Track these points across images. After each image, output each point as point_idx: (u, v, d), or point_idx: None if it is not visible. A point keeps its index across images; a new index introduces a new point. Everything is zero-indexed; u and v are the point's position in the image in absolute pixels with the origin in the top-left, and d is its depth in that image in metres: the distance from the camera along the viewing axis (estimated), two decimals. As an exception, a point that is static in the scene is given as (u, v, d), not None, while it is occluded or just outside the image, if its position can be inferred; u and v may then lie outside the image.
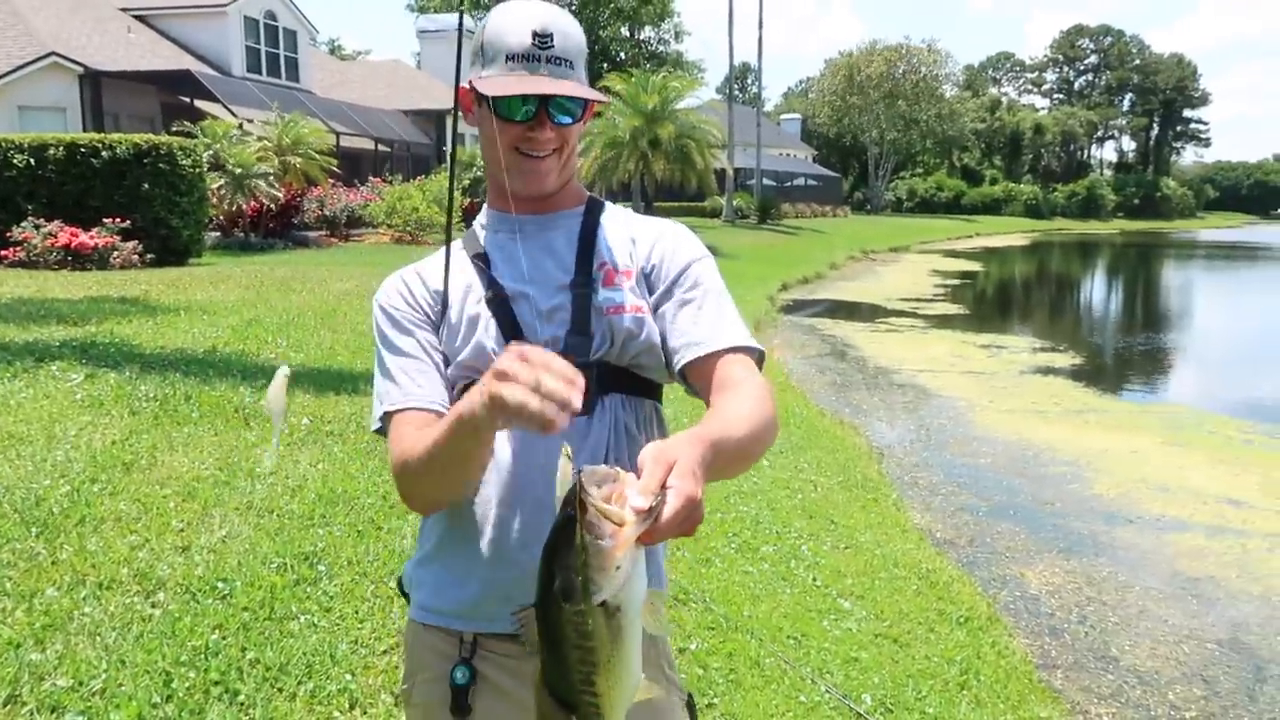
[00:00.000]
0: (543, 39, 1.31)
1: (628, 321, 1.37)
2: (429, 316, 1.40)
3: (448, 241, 1.43)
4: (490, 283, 1.39)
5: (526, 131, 1.34)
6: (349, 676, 2.76)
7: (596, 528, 0.87)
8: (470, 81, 1.37)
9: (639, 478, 0.91)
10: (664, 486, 0.90)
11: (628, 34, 57.68)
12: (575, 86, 1.33)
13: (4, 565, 3.03)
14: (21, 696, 2.41)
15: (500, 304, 1.37)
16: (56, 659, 2.58)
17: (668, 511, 0.88)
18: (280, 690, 2.65)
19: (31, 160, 12.85)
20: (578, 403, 0.98)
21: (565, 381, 0.98)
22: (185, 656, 2.69)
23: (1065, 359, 12.76)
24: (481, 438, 1.13)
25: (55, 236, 12.02)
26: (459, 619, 1.37)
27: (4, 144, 12.97)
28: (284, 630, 2.93)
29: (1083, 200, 78.95)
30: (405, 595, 1.49)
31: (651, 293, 1.41)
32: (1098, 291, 27.43)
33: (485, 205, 1.50)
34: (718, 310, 1.41)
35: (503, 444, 1.33)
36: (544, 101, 1.33)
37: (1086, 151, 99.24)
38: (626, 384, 1.39)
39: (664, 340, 1.39)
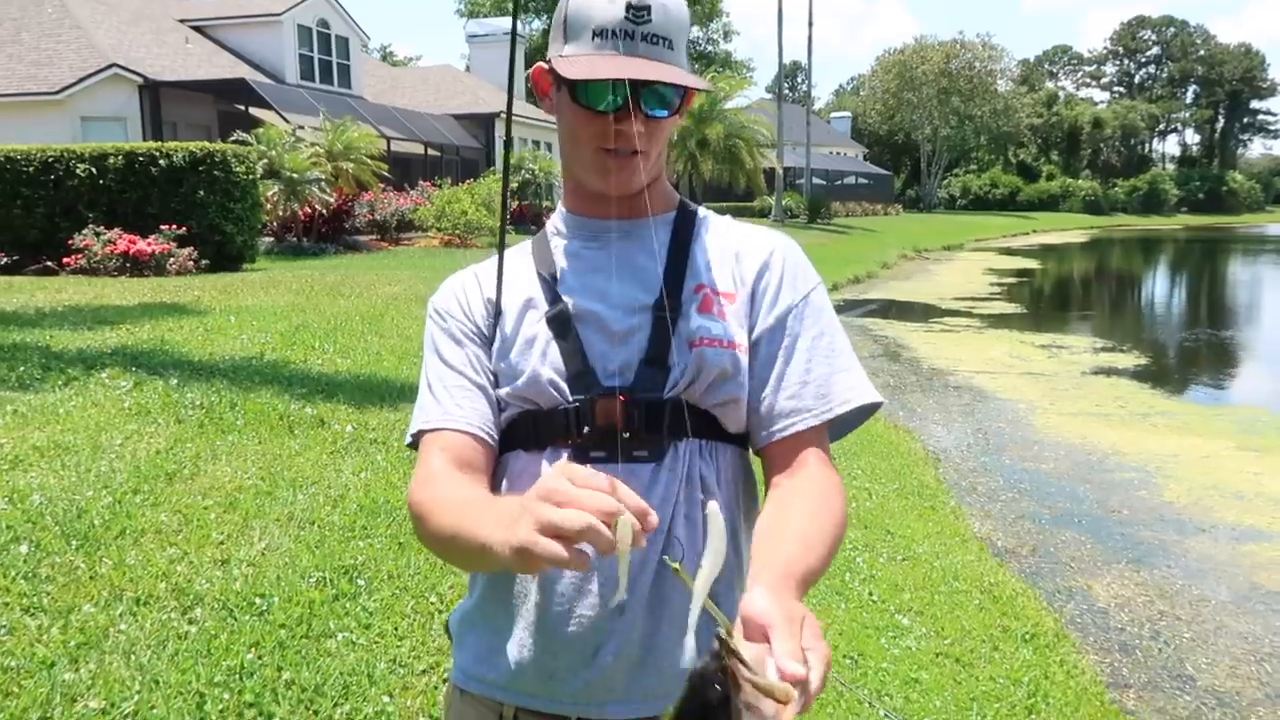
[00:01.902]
0: (638, 11, 1.09)
1: (723, 359, 1.14)
2: (481, 329, 1.21)
3: (500, 247, 1.24)
4: (554, 298, 1.18)
5: (613, 124, 1.12)
6: (386, 699, 2.67)
7: (758, 710, 0.72)
8: (549, 60, 1.15)
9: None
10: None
11: (676, 34, 57.48)
12: (674, 72, 1.11)
13: (43, 580, 3.00)
14: (53, 718, 2.36)
15: (563, 324, 1.16)
16: (90, 679, 2.53)
17: (815, 679, 0.75)
18: (316, 713, 2.56)
19: (93, 170, 13.14)
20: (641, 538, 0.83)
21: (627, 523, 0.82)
22: (220, 677, 2.62)
23: (1129, 359, 12.34)
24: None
25: (114, 244, 12.26)
26: (500, 689, 1.18)
27: (66, 154, 13.27)
28: (321, 649, 2.86)
29: (1144, 195, 77.02)
30: (450, 636, 1.34)
31: (752, 323, 1.19)
32: (1161, 288, 26.63)
33: (560, 206, 1.29)
34: (840, 363, 1.20)
35: None
36: (635, 89, 1.10)
37: (1148, 145, 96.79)
38: (707, 428, 1.16)
39: (750, 391, 1.18)
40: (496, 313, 1.20)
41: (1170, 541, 5.52)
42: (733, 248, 1.23)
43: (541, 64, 1.17)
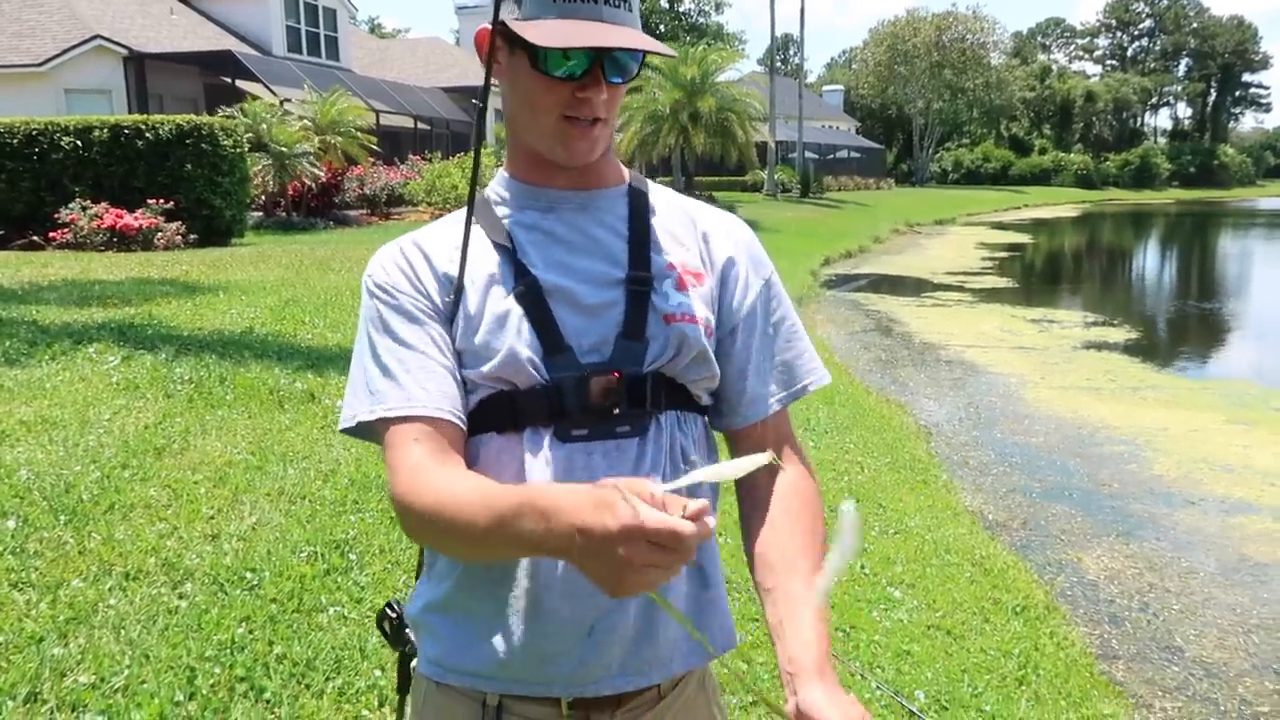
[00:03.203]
0: None
1: (697, 337, 1.13)
2: (437, 305, 1.13)
3: (468, 222, 1.13)
4: (519, 271, 1.12)
5: (577, 91, 1.07)
6: (378, 672, 2.66)
7: None
8: (504, 22, 1.08)
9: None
10: None
11: (667, 6, 57.05)
12: (645, 39, 1.07)
13: (31, 555, 2.98)
14: (42, 694, 2.34)
15: (534, 300, 1.11)
16: (79, 653, 2.51)
17: None
18: (307, 687, 2.56)
19: (77, 143, 12.99)
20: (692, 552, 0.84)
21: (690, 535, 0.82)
22: (210, 651, 2.61)
23: (1120, 333, 12.36)
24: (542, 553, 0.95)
25: (101, 218, 12.15)
26: (483, 679, 1.12)
27: (50, 127, 13.11)
28: (312, 623, 2.85)
29: (1136, 169, 76.89)
30: (388, 636, 1.29)
31: (720, 308, 1.19)
32: (1152, 263, 26.67)
33: (501, 172, 1.22)
34: (799, 345, 1.24)
35: (541, 470, 1.09)
36: (599, 55, 1.06)
37: (1140, 119, 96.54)
38: (682, 399, 1.16)
39: (723, 375, 1.20)
40: (459, 289, 1.12)
41: (1159, 514, 5.55)
42: (699, 227, 1.21)
43: (487, 25, 1.11)
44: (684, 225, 1.21)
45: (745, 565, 1.19)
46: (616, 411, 1.09)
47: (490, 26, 1.11)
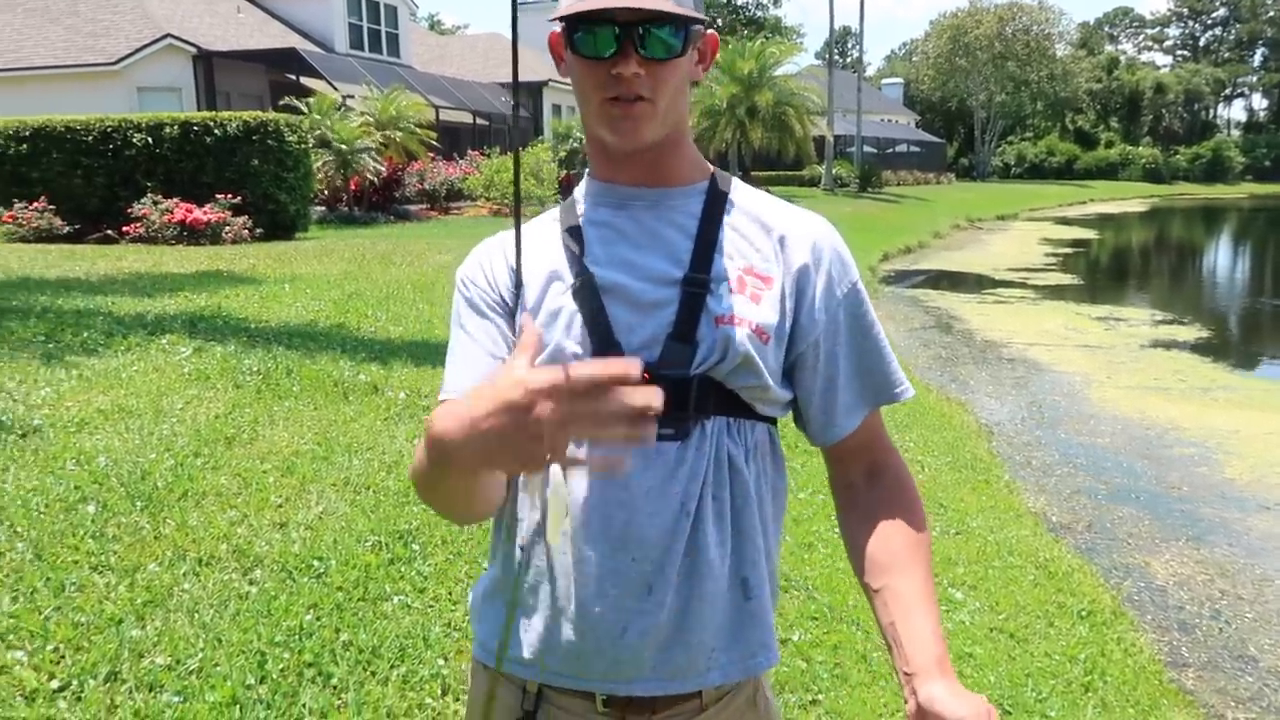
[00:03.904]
0: None
1: (749, 344, 1.11)
2: (505, 300, 1.16)
3: (516, 214, 1.15)
4: (580, 269, 1.13)
5: (610, 68, 1.07)
6: (441, 661, 2.70)
7: None
8: (553, 21, 1.13)
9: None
10: None
11: (724, 0, 56.77)
12: (659, 1, 1.04)
13: (110, 539, 3.08)
14: (121, 674, 2.42)
15: (589, 295, 1.11)
16: (156, 636, 2.60)
17: None
18: (373, 674, 2.61)
19: (149, 139, 13.36)
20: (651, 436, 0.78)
21: (628, 419, 0.76)
22: (280, 637, 2.67)
23: (1189, 332, 12.02)
24: (454, 474, 0.91)
25: (171, 213, 12.49)
26: (524, 666, 1.15)
27: (124, 124, 13.52)
28: (377, 611, 2.90)
29: (1208, 163, 74.48)
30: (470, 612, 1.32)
31: (797, 316, 1.16)
32: (1224, 259, 25.86)
33: (586, 172, 1.23)
34: (887, 352, 1.22)
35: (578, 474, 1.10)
36: (628, 31, 1.06)
37: (1212, 111, 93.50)
38: (734, 405, 1.13)
39: (805, 389, 1.19)
40: (518, 284, 1.15)
41: (1231, 519, 5.39)
42: (776, 229, 1.18)
43: (556, 29, 1.14)
44: (759, 227, 1.19)
45: (804, 563, 1.20)
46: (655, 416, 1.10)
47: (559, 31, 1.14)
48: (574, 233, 1.17)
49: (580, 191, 1.23)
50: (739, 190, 1.22)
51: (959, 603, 3.72)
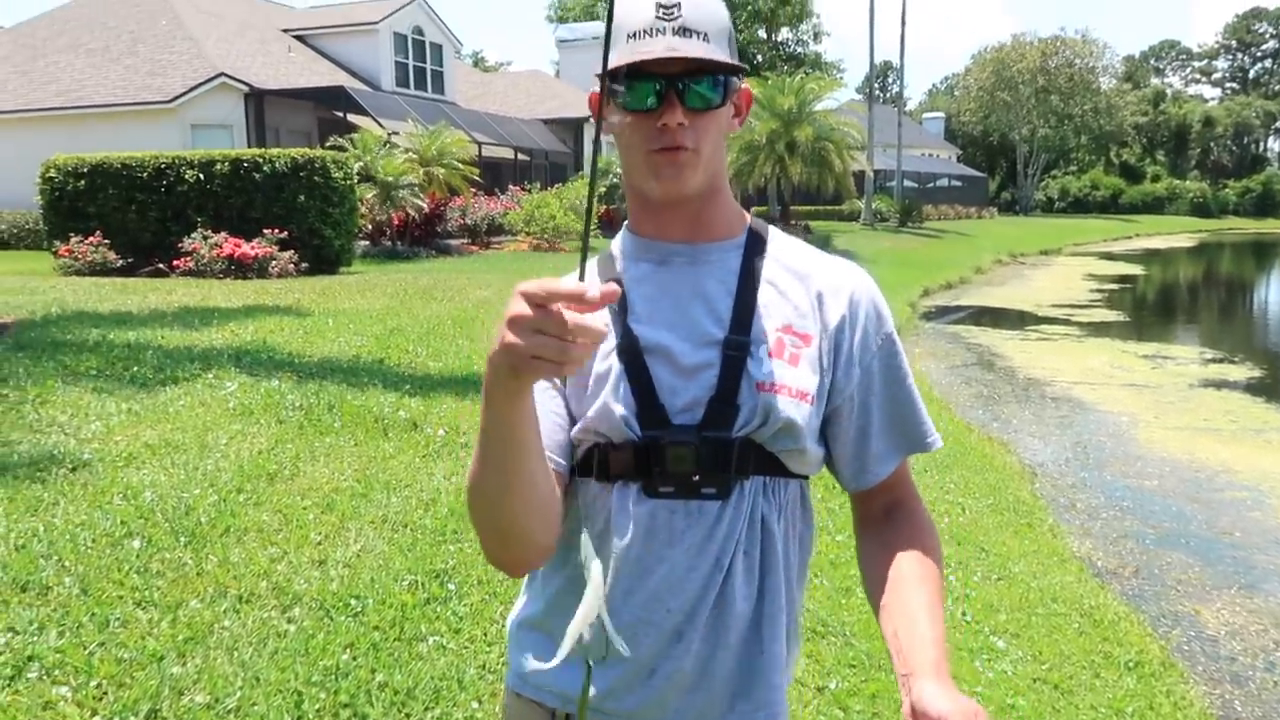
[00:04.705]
0: (667, 9, 1.09)
1: (791, 409, 1.14)
2: None
3: (582, 264, 1.14)
4: (624, 329, 1.16)
5: (656, 120, 1.11)
6: (475, 704, 2.70)
7: None
8: (596, 77, 1.17)
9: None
10: None
11: (765, 36, 57.22)
12: (698, 47, 1.09)
13: (153, 575, 3.13)
14: (161, 711, 2.46)
15: (633, 357, 1.14)
16: (196, 673, 2.63)
17: None
18: (408, 716, 2.61)
19: (201, 175, 13.72)
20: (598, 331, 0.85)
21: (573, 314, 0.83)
22: (317, 676, 2.69)
23: (1241, 371, 11.76)
24: (506, 405, 0.95)
25: (220, 247, 12.78)
26: (553, 695, 1.22)
27: (177, 161, 13.90)
28: (413, 652, 2.91)
29: (1258, 197, 73.22)
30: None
31: (834, 372, 1.19)
32: (1276, 295, 25.31)
33: (625, 227, 1.26)
34: (917, 402, 1.25)
35: (625, 522, 1.15)
36: (672, 83, 1.10)
37: (1263, 144, 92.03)
38: (772, 465, 1.17)
39: (839, 439, 1.22)
40: None
41: (1287, 567, 5.24)
42: (813, 283, 1.21)
43: (596, 90, 1.18)
44: (797, 281, 1.21)
45: (841, 608, 1.22)
46: (696, 478, 1.13)
47: (599, 91, 1.17)
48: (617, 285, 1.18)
49: (618, 246, 1.25)
50: (776, 241, 1.24)
51: (1001, 652, 3.64)
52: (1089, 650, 3.80)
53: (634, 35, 1.10)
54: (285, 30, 26.16)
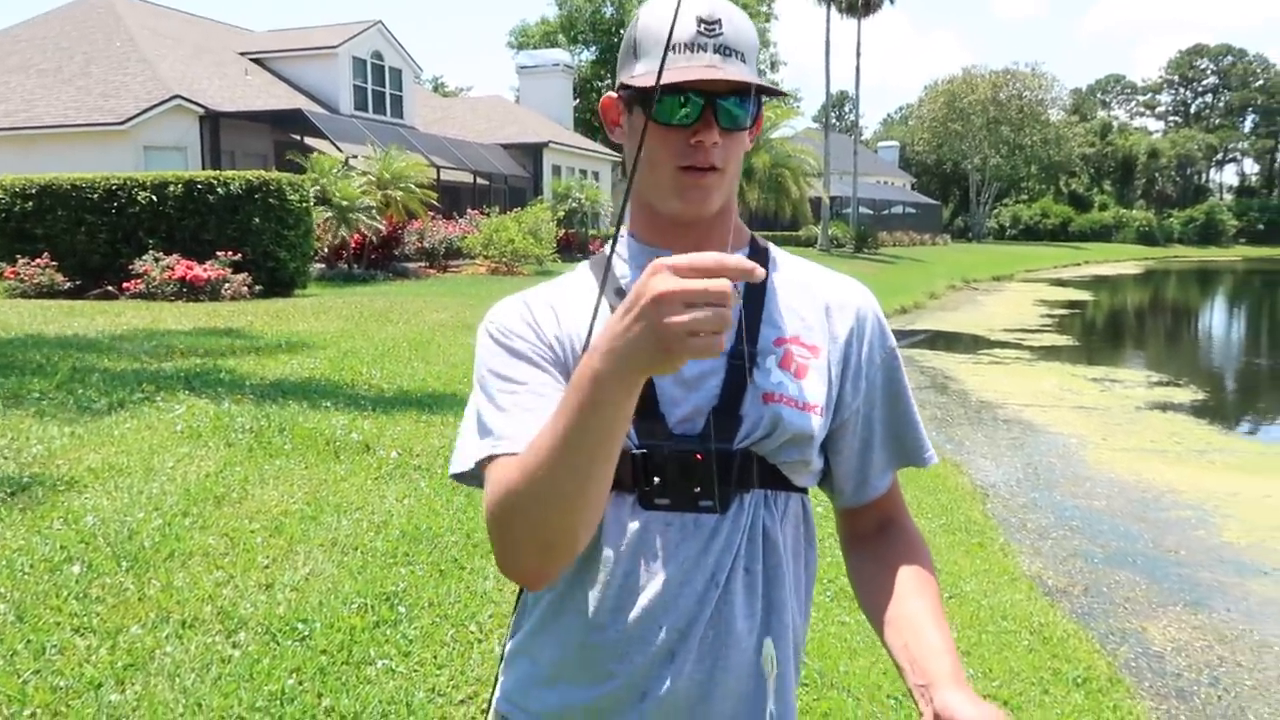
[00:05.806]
0: (710, 25, 1.06)
1: (799, 422, 1.12)
2: (559, 358, 1.13)
3: (605, 276, 1.03)
4: None
5: (690, 137, 1.08)
6: (423, 728, 2.66)
7: None
8: (621, 83, 1.13)
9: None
10: None
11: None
12: (740, 68, 1.08)
13: (93, 600, 3.05)
14: (98, 739, 2.39)
15: None
16: (135, 701, 2.56)
17: None
18: (354, 741, 2.57)
19: (153, 197, 13.52)
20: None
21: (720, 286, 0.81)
22: (261, 702, 2.64)
23: (1186, 394, 12.04)
24: (626, 398, 0.90)
25: (172, 269, 12.57)
26: (541, 719, 1.18)
27: (129, 182, 13.69)
28: (361, 676, 2.87)
29: (1201, 226, 75.45)
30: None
31: (841, 385, 1.18)
32: (1219, 321, 26.00)
33: (624, 232, 1.20)
34: (916, 417, 1.25)
35: (619, 533, 1.11)
36: (709, 101, 1.07)
37: (1205, 176, 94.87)
38: (773, 478, 1.14)
39: (841, 452, 1.21)
40: (583, 348, 1.07)
41: (1229, 583, 5.35)
42: (820, 298, 1.20)
43: (611, 94, 1.16)
44: (805, 295, 1.20)
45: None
46: (695, 490, 1.09)
47: (615, 95, 1.16)
48: (620, 295, 1.15)
49: (622, 251, 1.21)
50: (780, 257, 1.23)
51: (952, 669, 3.67)
52: (1038, 667, 3.84)
53: (674, 48, 1.06)
54: (243, 53, 25.95)
